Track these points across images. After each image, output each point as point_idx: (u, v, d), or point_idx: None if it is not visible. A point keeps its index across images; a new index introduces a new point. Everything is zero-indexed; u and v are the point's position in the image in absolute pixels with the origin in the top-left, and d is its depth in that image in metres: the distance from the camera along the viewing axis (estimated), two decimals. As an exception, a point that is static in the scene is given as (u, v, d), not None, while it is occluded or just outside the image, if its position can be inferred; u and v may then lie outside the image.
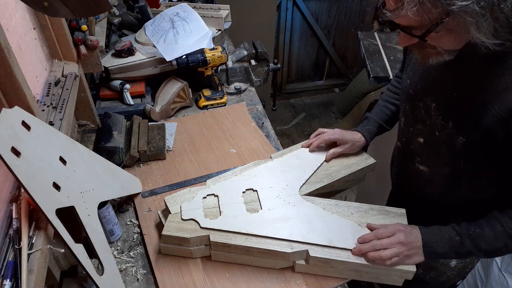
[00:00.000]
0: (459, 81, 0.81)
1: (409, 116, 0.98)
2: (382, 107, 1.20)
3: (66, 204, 0.76)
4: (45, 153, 0.77)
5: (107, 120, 1.29)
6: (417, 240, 0.88)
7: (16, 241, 0.68)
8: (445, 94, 0.85)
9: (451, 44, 0.72)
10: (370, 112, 1.22)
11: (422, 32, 0.67)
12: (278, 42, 3.29)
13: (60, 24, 1.11)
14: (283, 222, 0.95)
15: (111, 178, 1.04)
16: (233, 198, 1.02)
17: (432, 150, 0.93)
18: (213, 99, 1.53)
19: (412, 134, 0.98)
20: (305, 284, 0.93)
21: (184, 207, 0.98)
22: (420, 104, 0.92)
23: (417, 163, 1.00)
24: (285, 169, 1.11)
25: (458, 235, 0.85)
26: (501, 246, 0.83)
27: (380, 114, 1.19)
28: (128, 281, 0.96)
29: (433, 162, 0.96)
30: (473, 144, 0.81)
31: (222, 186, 1.05)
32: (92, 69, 1.30)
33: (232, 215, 0.97)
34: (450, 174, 0.92)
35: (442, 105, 0.86)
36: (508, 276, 1.46)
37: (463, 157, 0.86)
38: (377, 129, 1.18)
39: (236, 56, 1.61)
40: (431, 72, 0.89)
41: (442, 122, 0.86)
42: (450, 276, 1.13)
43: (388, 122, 1.19)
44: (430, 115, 0.89)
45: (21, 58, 0.90)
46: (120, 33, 1.73)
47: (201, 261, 0.98)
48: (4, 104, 0.78)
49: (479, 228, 0.84)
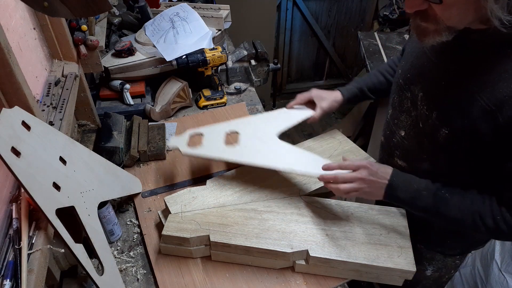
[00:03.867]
0: (449, 69, 0.80)
1: (396, 107, 0.96)
2: (372, 75, 1.20)
3: (66, 204, 0.76)
4: (45, 153, 0.77)
5: (107, 120, 1.29)
6: (382, 179, 0.87)
7: (16, 241, 0.68)
8: (433, 83, 0.83)
9: (458, 16, 0.69)
10: None
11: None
12: (278, 42, 3.29)
13: (60, 24, 1.11)
14: (257, 152, 1.06)
15: (111, 178, 1.04)
16: (215, 136, 1.12)
17: (412, 144, 0.92)
18: (213, 99, 1.53)
19: (396, 126, 0.96)
20: (305, 284, 0.93)
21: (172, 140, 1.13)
22: (407, 94, 0.90)
23: (396, 158, 0.99)
24: (270, 119, 1.22)
25: (425, 190, 0.84)
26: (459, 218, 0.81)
27: (366, 79, 1.19)
28: (128, 281, 0.96)
29: (412, 157, 0.94)
30: (455, 137, 0.79)
31: (208, 128, 1.17)
32: (92, 69, 1.30)
33: (211, 146, 1.08)
34: (429, 171, 0.90)
35: (429, 94, 0.84)
36: (508, 276, 1.46)
37: (444, 151, 0.84)
38: (358, 90, 1.17)
39: (236, 56, 1.60)
40: (421, 60, 0.87)
41: (426, 113, 0.84)
42: (426, 284, 1.13)
43: (372, 90, 1.17)
44: (416, 105, 0.87)
45: (21, 58, 0.90)
46: (120, 33, 1.73)
47: (201, 261, 0.98)
48: (4, 104, 0.78)
49: (450, 193, 0.83)
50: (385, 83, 1.15)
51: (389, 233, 0.95)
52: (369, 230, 0.96)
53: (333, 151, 1.20)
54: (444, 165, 0.87)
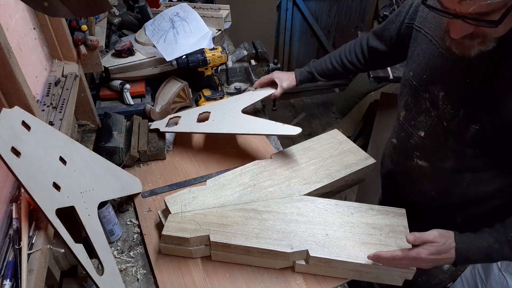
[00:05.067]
0: (472, 67, 0.79)
1: (411, 109, 0.96)
2: (323, 60, 1.32)
3: (66, 204, 0.76)
4: (45, 153, 0.77)
5: (107, 120, 1.29)
6: (449, 250, 0.82)
7: (16, 241, 0.68)
8: (456, 82, 0.83)
9: (506, 27, 0.69)
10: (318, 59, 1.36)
11: (499, 16, 0.63)
12: (278, 42, 3.30)
13: (60, 24, 1.11)
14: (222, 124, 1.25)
15: (111, 178, 1.04)
16: (190, 116, 1.34)
17: (435, 143, 0.92)
18: (213, 99, 1.53)
19: (413, 127, 0.97)
20: (305, 284, 0.93)
21: (154, 123, 1.35)
22: (425, 95, 0.90)
23: (416, 159, 0.99)
24: (236, 99, 1.40)
25: (496, 243, 0.80)
26: None
27: (317, 64, 1.32)
28: (128, 281, 0.96)
29: (434, 156, 0.94)
30: (485, 132, 0.79)
31: (185, 112, 1.41)
32: (92, 69, 1.30)
33: (185, 124, 1.31)
34: (452, 168, 0.90)
35: (452, 93, 0.84)
36: (508, 276, 1.46)
37: (472, 146, 0.83)
38: (309, 74, 1.34)
39: (236, 56, 1.60)
40: (439, 61, 0.87)
41: (451, 111, 0.84)
42: (442, 279, 1.13)
43: (321, 74, 1.31)
44: (437, 105, 0.87)
45: (21, 58, 0.90)
46: (120, 33, 1.73)
47: (201, 261, 0.98)
48: (4, 104, 0.78)
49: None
50: (332, 69, 1.29)
51: (389, 233, 0.95)
52: (369, 230, 0.96)
53: (333, 151, 1.20)
54: (470, 160, 0.87)
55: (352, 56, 1.24)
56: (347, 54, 1.24)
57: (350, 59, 1.24)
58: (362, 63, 1.23)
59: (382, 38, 1.15)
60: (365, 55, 1.22)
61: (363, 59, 1.22)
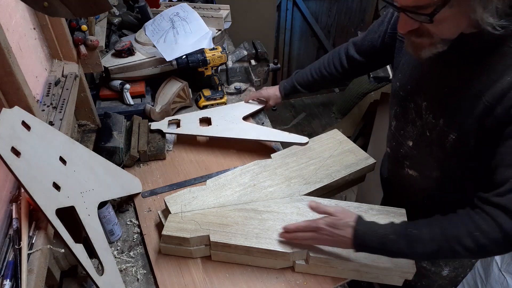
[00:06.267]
0: (449, 76, 0.80)
1: (400, 119, 0.97)
2: (303, 72, 1.34)
3: (66, 204, 0.76)
4: (45, 153, 0.77)
5: (107, 120, 1.29)
6: (346, 228, 0.83)
7: (16, 241, 0.68)
8: (436, 91, 0.84)
9: (451, 29, 0.71)
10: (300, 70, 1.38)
11: (431, 10, 0.65)
12: (278, 42, 3.29)
13: (60, 24, 1.11)
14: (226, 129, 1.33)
15: (111, 178, 1.04)
16: (191, 120, 1.39)
17: (422, 153, 0.92)
18: (213, 99, 1.53)
19: (403, 137, 0.97)
20: (305, 284, 0.93)
21: (154, 124, 1.36)
22: (410, 104, 0.91)
23: (406, 168, 1.00)
24: (234, 108, 1.46)
25: (394, 234, 0.79)
26: (435, 250, 0.76)
27: (299, 75, 1.35)
28: (128, 281, 0.96)
29: (422, 166, 0.95)
30: (464, 140, 0.79)
31: (184, 115, 1.41)
32: (92, 69, 1.30)
33: (187, 127, 1.35)
34: (439, 178, 0.91)
35: (433, 102, 0.85)
36: (508, 276, 1.46)
37: (452, 156, 0.84)
38: (292, 87, 1.36)
39: (236, 56, 1.60)
40: (420, 71, 0.88)
41: (433, 121, 0.85)
42: (442, 284, 1.13)
43: (303, 86, 1.34)
44: (421, 115, 0.88)
45: (21, 58, 0.90)
46: (120, 33, 1.73)
47: (201, 261, 0.98)
48: (4, 104, 0.78)
49: (418, 228, 0.78)
50: (312, 81, 1.31)
51: (389, 233, 0.95)
52: (369, 230, 0.96)
53: (333, 151, 1.20)
54: (454, 171, 0.87)
55: (331, 68, 1.26)
56: (326, 66, 1.26)
57: (329, 70, 1.26)
58: (340, 72, 1.25)
59: (362, 48, 1.17)
60: (344, 65, 1.23)
61: (342, 69, 1.24)
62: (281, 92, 1.39)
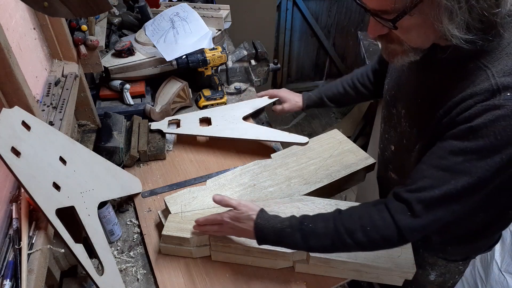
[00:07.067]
0: (422, 87, 0.81)
1: (386, 122, 0.97)
2: (334, 84, 1.26)
3: (66, 204, 0.76)
4: (45, 153, 0.77)
5: (107, 120, 1.29)
6: (248, 221, 0.85)
7: (16, 241, 0.68)
8: (412, 101, 0.84)
9: (420, 38, 0.70)
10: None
11: (394, 16, 0.64)
12: (278, 42, 3.29)
13: (60, 24, 1.11)
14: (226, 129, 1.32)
15: (111, 178, 1.04)
16: (191, 120, 1.38)
17: (401, 159, 0.93)
18: (213, 99, 1.53)
19: (388, 141, 0.98)
20: (305, 284, 0.93)
21: (154, 124, 1.36)
22: (393, 110, 0.92)
23: (390, 171, 1.00)
24: (235, 108, 1.44)
25: (290, 227, 0.81)
26: (329, 243, 0.78)
27: (327, 88, 1.27)
28: (128, 281, 0.96)
29: (402, 171, 0.95)
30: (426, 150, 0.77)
31: (183, 115, 1.42)
32: (92, 69, 1.30)
33: (188, 127, 1.35)
34: None
35: (409, 111, 0.85)
36: (508, 276, 1.46)
37: None
38: (318, 99, 1.28)
39: (236, 56, 1.60)
40: (402, 78, 0.88)
41: (408, 129, 0.85)
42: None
43: (331, 99, 1.25)
44: (401, 122, 0.88)
45: (21, 58, 0.90)
46: (120, 33, 1.73)
47: (201, 261, 0.98)
48: (4, 104, 0.78)
49: (313, 222, 0.80)
50: (343, 94, 1.22)
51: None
52: (369, 230, 0.96)
53: (333, 151, 1.20)
54: None
55: (364, 79, 1.20)
56: (359, 77, 1.21)
57: (362, 81, 1.20)
58: (373, 84, 1.20)
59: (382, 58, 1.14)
60: (370, 79, 1.20)
61: (371, 83, 1.20)
62: (304, 102, 1.30)
